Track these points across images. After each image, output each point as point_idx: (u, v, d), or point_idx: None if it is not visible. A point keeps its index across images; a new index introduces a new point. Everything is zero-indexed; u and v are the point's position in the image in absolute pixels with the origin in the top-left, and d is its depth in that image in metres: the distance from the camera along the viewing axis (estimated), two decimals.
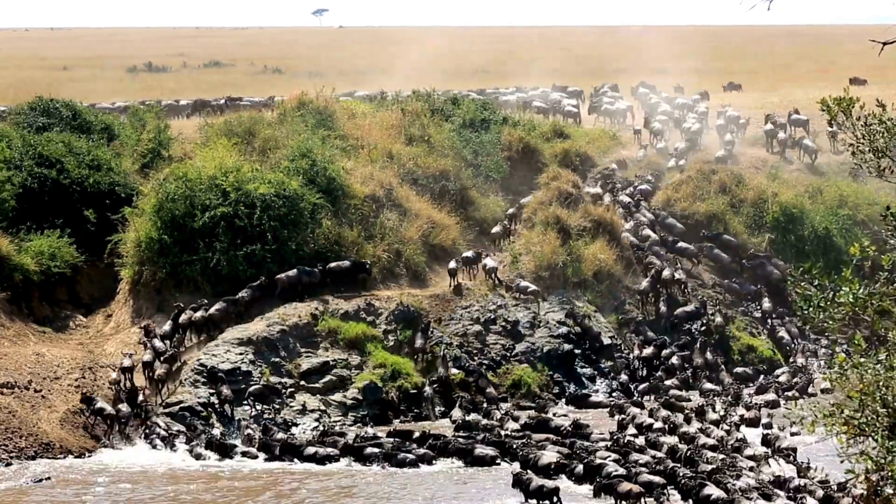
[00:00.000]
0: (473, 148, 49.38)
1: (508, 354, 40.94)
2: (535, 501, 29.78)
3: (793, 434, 35.57)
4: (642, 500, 29.29)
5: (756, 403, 38.50)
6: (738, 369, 41.99)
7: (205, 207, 41.79)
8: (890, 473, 15.36)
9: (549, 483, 30.08)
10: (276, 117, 49.95)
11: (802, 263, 16.79)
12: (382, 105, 54.04)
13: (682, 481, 29.81)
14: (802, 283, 16.04)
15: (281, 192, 42.37)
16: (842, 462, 15.78)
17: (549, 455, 32.20)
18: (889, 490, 15.73)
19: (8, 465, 33.37)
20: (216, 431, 35.68)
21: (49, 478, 32.25)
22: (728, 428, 35.52)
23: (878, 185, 47.02)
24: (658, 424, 35.74)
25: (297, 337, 39.41)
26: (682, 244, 46.10)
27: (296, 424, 36.67)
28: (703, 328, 43.07)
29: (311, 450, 34.06)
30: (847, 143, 16.65)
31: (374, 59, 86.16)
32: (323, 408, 37.65)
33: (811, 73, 78.74)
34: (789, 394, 39.49)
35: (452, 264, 42.85)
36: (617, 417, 37.17)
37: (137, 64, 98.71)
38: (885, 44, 17.02)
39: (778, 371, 42.14)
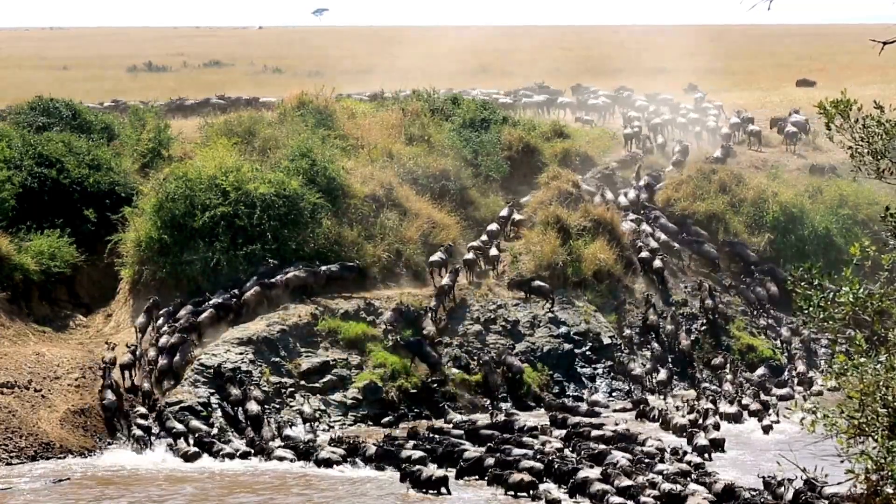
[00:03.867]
0: (473, 147, 49.34)
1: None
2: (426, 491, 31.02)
3: (766, 427, 36.43)
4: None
5: (762, 398, 39.17)
6: (759, 371, 42.11)
7: (205, 207, 41.81)
8: (890, 473, 15.36)
9: (438, 472, 31.25)
10: (277, 117, 49.97)
11: (803, 263, 16.75)
12: (382, 105, 54.02)
13: (556, 468, 31.21)
14: (802, 283, 16.04)
15: (281, 192, 42.38)
16: (842, 462, 15.80)
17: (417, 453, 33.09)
18: (889, 490, 15.73)
19: (8, 464, 33.44)
20: (214, 431, 35.70)
21: (69, 478, 32.37)
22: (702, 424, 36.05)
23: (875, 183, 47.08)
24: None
25: (297, 336, 39.41)
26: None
27: (294, 424, 36.66)
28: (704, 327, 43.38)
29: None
30: (846, 145, 16.64)
31: (373, 59, 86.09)
32: (323, 408, 37.68)
33: (812, 72, 78.64)
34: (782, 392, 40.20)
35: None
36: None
37: (137, 64, 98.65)
38: (885, 43, 17.01)
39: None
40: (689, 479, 30.52)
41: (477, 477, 31.84)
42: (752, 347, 43.37)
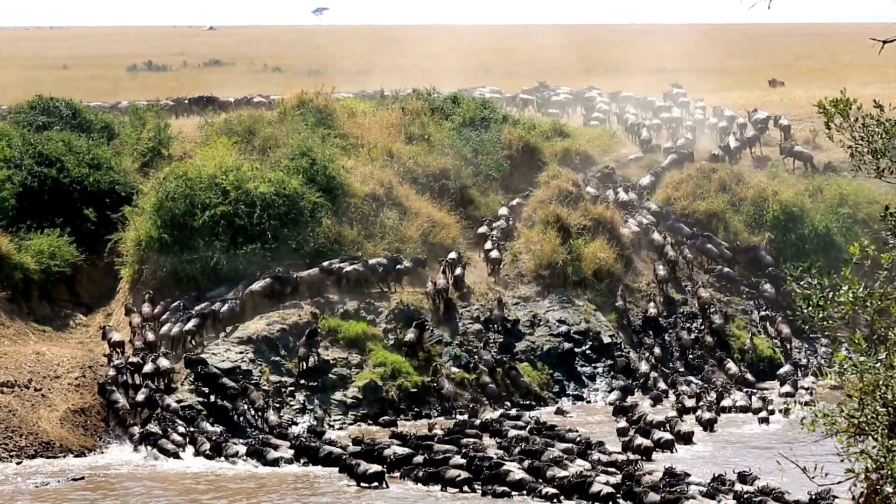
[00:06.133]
0: (473, 146, 49.35)
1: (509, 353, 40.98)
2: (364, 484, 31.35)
3: (762, 420, 36.68)
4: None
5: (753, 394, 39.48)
6: (782, 371, 42.05)
7: (205, 206, 41.84)
8: (890, 472, 15.37)
9: (376, 467, 31.65)
10: (277, 116, 49.99)
11: (802, 262, 16.76)
12: (382, 104, 54.02)
13: (475, 464, 31.28)
14: (801, 283, 16.04)
15: (281, 191, 42.41)
16: (842, 461, 15.81)
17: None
18: (889, 489, 15.74)
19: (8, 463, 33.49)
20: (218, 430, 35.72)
21: (83, 477, 32.43)
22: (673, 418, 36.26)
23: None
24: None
25: (297, 336, 39.38)
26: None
27: (295, 423, 36.68)
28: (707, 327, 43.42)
29: None
30: (846, 144, 16.62)
31: (373, 59, 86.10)
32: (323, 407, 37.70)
33: (812, 72, 78.64)
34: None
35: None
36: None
37: (137, 63, 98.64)
38: (885, 42, 17.01)
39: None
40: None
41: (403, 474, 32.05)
42: (752, 346, 43.37)
